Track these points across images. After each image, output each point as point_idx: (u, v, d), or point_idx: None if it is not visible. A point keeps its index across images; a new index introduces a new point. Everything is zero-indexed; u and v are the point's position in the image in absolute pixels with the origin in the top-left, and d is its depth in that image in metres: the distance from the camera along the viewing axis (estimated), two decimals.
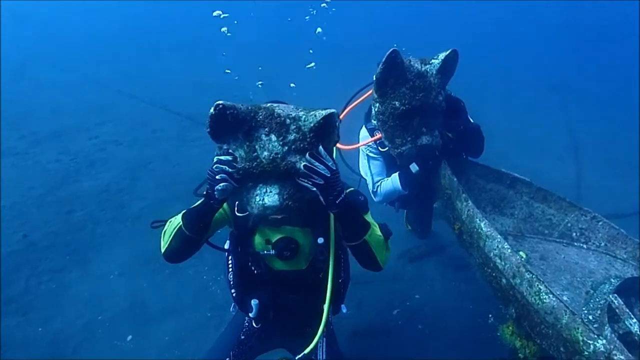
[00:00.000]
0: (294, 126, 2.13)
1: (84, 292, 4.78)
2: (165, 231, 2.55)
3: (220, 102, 2.05)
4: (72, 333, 4.34)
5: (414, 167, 4.01)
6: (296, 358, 2.76)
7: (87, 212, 6.01)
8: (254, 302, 2.76)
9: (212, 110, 2.06)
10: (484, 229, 3.24)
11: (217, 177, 2.14)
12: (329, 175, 2.16)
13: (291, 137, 2.12)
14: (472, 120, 3.96)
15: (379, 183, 4.25)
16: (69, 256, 5.22)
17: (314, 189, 2.15)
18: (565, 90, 13.26)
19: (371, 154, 4.23)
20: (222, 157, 2.15)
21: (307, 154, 2.13)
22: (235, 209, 2.61)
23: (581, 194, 7.37)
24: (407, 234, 5.62)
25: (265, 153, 2.11)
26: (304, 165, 2.12)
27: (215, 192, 2.17)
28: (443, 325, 4.40)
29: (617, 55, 18.15)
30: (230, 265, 2.93)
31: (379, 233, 2.57)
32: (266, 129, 2.13)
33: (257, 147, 2.12)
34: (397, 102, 3.45)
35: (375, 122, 3.73)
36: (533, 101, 12.19)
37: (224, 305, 4.61)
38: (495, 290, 3.33)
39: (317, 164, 2.14)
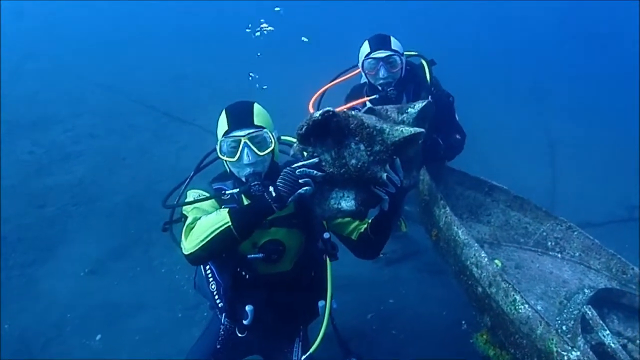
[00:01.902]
0: (379, 138, 2.14)
1: (54, 288, 4.70)
2: (194, 230, 2.35)
3: (331, 109, 2.05)
4: (40, 330, 4.26)
5: None
6: (302, 358, 2.74)
7: (59, 205, 5.91)
8: (248, 309, 2.64)
9: (318, 115, 2.04)
10: (461, 236, 3.24)
11: (300, 180, 2.11)
12: (399, 185, 2.23)
13: (377, 148, 2.13)
14: (457, 119, 3.99)
15: None
16: (40, 251, 5.13)
17: (386, 197, 2.22)
18: (543, 92, 13.37)
19: None
20: (308, 161, 2.12)
21: (388, 165, 2.17)
22: None
23: (556, 199, 7.43)
24: None
25: (354, 161, 2.10)
26: (388, 178, 2.16)
27: (295, 195, 2.13)
28: (417, 330, 4.39)
29: (600, 59, 18.37)
30: (209, 275, 2.81)
31: None
32: (357, 138, 2.11)
33: (346, 154, 2.11)
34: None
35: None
36: (511, 103, 12.28)
37: (196, 305, 4.55)
38: (471, 298, 3.33)
39: (394, 175, 2.19)
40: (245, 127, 2.42)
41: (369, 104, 3.34)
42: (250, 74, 8.71)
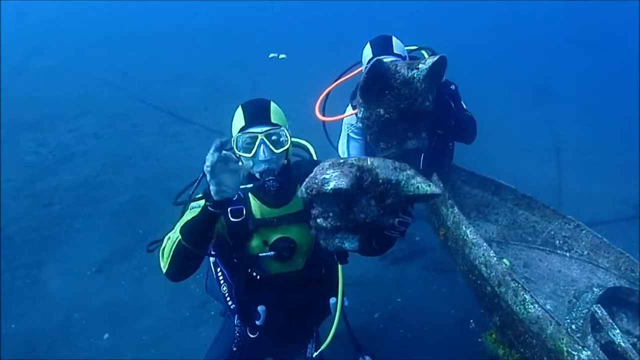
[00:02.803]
0: (393, 191, 2.08)
1: (60, 289, 4.69)
2: (163, 249, 2.34)
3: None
4: (47, 330, 4.24)
5: None
6: (314, 355, 2.76)
7: (64, 206, 5.90)
8: (260, 309, 2.65)
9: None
10: (469, 236, 3.23)
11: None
12: (409, 223, 2.13)
13: (389, 201, 2.08)
14: (464, 106, 3.94)
15: None
16: (45, 251, 5.11)
17: (397, 235, 2.13)
18: (548, 92, 13.36)
19: (352, 135, 4.19)
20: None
21: (401, 212, 2.10)
22: (229, 214, 2.50)
23: (562, 199, 7.40)
24: None
25: (362, 215, 2.05)
26: (399, 222, 2.09)
27: (225, 194, 2.07)
28: (424, 329, 4.38)
29: (604, 59, 18.34)
30: (220, 277, 2.82)
31: None
32: (369, 195, 2.06)
33: (355, 209, 2.06)
34: (381, 110, 3.33)
35: (360, 124, 3.67)
36: (516, 103, 12.26)
37: (202, 304, 4.55)
38: (480, 298, 3.32)
39: (406, 217, 2.11)
40: (262, 124, 2.41)
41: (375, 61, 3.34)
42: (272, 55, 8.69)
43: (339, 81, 4.32)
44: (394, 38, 3.83)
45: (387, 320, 4.47)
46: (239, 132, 2.42)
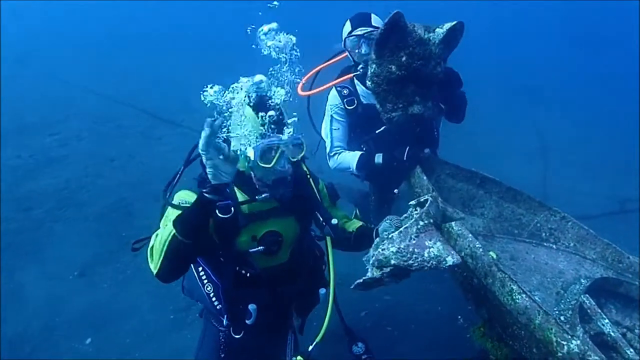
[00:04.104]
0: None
1: (42, 293, 4.62)
2: (152, 248, 2.27)
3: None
4: (29, 335, 4.18)
5: (378, 158, 3.96)
6: (309, 348, 2.72)
7: (46, 209, 5.84)
8: (251, 308, 2.57)
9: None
10: (454, 228, 3.18)
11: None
12: None
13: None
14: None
15: (338, 150, 4.23)
16: (27, 255, 5.05)
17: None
18: (534, 92, 13.43)
19: (336, 116, 4.19)
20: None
21: None
22: (218, 210, 2.35)
23: (548, 194, 7.41)
24: None
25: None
26: None
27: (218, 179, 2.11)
28: (412, 327, 4.35)
29: (589, 59, 18.49)
30: (204, 277, 2.70)
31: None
32: None
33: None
34: (393, 66, 3.33)
35: (369, 83, 3.59)
36: (503, 101, 12.31)
37: (187, 307, 4.48)
38: (466, 291, 3.29)
39: None
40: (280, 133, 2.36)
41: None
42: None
43: (326, 63, 4.37)
44: (372, 14, 3.90)
45: (375, 318, 4.44)
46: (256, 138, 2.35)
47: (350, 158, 4.12)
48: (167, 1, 20.25)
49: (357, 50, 3.88)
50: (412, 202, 2.51)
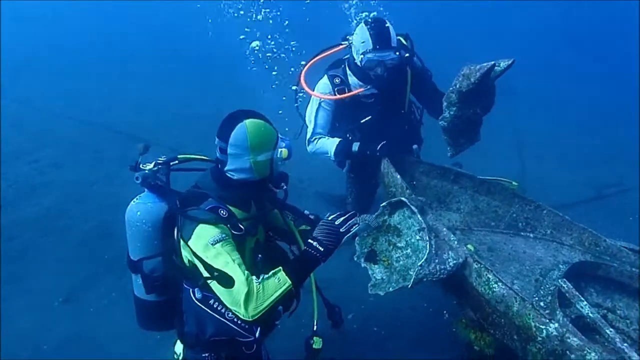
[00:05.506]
0: None
1: (28, 322, 4.55)
2: (257, 296, 2.34)
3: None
4: None
5: (354, 147, 4.18)
6: (315, 328, 2.93)
7: (27, 238, 5.77)
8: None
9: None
10: (430, 223, 3.22)
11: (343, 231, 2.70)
12: None
13: None
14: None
15: (319, 136, 4.38)
16: (10, 285, 4.97)
17: None
18: (510, 90, 13.57)
19: (323, 104, 4.33)
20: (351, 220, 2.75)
21: None
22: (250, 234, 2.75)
23: (527, 188, 7.49)
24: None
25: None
26: None
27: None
28: (399, 325, 4.36)
29: (563, 56, 18.72)
30: (219, 307, 2.63)
31: None
32: None
33: None
34: (472, 110, 3.60)
35: (444, 123, 3.76)
36: None
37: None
38: (446, 285, 3.32)
39: None
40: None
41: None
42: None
43: (322, 55, 4.50)
44: (390, 27, 3.98)
45: (361, 320, 4.45)
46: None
47: (330, 144, 4.30)
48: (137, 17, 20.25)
49: (371, 71, 4.03)
50: (384, 204, 2.77)
